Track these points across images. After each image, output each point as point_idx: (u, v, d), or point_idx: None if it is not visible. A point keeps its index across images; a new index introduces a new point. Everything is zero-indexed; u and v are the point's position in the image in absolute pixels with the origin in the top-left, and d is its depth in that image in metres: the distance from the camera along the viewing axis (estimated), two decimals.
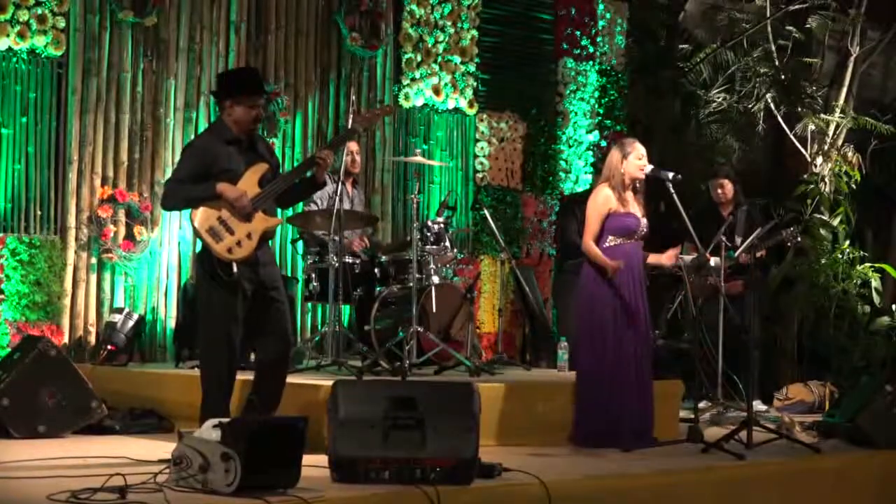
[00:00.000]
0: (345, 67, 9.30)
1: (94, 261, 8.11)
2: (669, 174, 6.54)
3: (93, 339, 8.03)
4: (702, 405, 7.41)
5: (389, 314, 7.41)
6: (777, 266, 10.57)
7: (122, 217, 8.18)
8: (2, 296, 7.74)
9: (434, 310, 7.37)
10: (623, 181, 6.53)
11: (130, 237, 8.19)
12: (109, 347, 7.76)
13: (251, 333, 5.81)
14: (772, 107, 10.96)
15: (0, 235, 7.76)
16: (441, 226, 7.54)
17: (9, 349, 7.33)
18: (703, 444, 6.26)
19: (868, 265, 10.46)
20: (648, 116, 11.14)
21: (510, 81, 10.24)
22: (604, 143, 10.36)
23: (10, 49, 7.79)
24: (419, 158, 7.70)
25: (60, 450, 5.65)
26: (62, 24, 7.95)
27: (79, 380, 6.49)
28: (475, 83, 9.92)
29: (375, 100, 9.40)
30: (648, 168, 6.55)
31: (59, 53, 7.97)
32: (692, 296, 7.11)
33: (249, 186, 5.74)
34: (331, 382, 5.11)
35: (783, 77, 10.98)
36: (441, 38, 9.71)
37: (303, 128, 9.04)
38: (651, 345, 6.77)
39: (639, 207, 6.61)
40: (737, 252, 8.05)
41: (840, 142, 10.86)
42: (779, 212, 10.30)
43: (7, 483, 4.66)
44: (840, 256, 10.41)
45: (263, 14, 8.91)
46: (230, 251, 5.65)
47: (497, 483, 4.99)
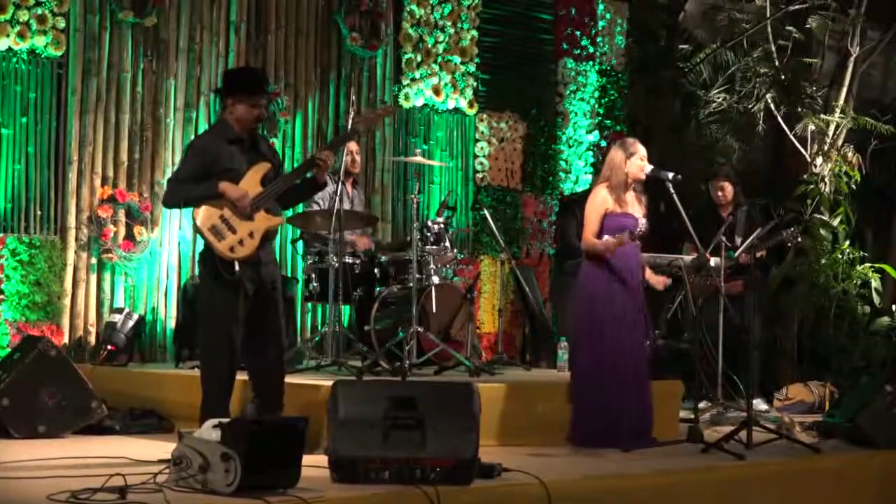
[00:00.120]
0: (345, 67, 9.30)
1: (94, 261, 8.11)
2: (669, 174, 6.54)
3: (93, 340, 8.03)
4: (702, 405, 7.40)
5: (389, 314, 7.41)
6: (777, 266, 10.57)
7: (122, 217, 8.18)
8: (2, 296, 7.74)
9: (434, 310, 7.36)
10: (625, 181, 6.52)
11: (130, 237, 8.19)
12: (109, 347, 7.76)
13: (249, 333, 5.80)
14: (772, 107, 10.95)
15: (0, 235, 7.76)
16: (441, 226, 7.54)
17: (9, 349, 7.32)
18: (703, 444, 6.26)
19: (868, 265, 10.46)
20: (648, 116, 11.13)
21: (510, 81, 10.23)
22: (604, 144, 10.35)
23: (10, 49, 7.79)
24: (419, 158, 7.70)
25: (60, 450, 5.65)
26: (62, 25, 7.95)
27: (79, 380, 6.49)
28: (475, 83, 9.91)
29: (375, 100, 9.40)
30: (648, 168, 6.55)
31: (59, 53, 7.97)
32: (692, 296, 7.11)
33: (251, 186, 5.74)
34: (331, 382, 5.11)
35: (783, 77, 10.98)
36: (441, 39, 9.70)
37: (303, 128, 9.03)
38: (650, 345, 6.77)
39: (640, 207, 6.60)
40: (737, 252, 8.05)
41: (840, 142, 10.85)
42: (779, 212, 10.29)
43: (7, 483, 4.66)
44: (840, 256, 10.41)
45: (263, 14, 8.91)
46: (232, 250, 5.65)
47: (497, 483, 4.99)
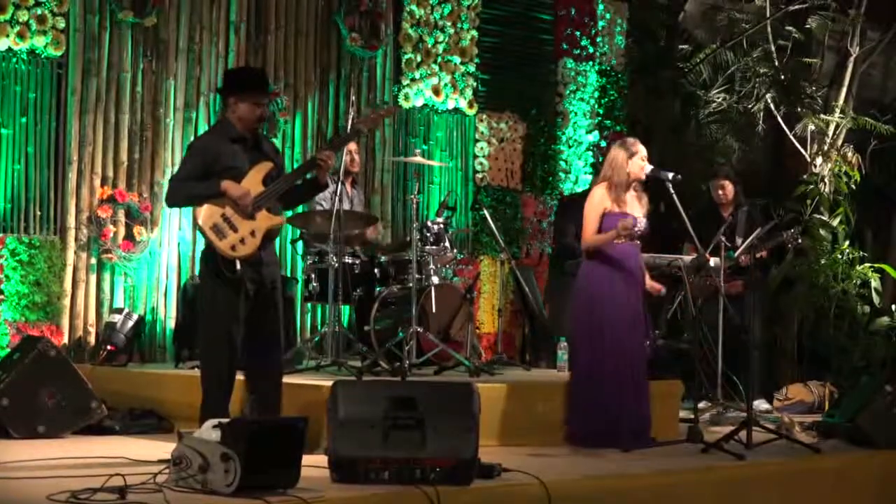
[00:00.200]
0: (345, 68, 9.29)
1: (94, 261, 8.10)
2: (669, 174, 6.54)
3: (92, 340, 8.03)
4: (702, 405, 7.41)
5: (389, 314, 7.41)
6: (777, 266, 10.56)
7: (122, 217, 8.18)
8: (1, 296, 7.73)
9: (434, 310, 7.36)
10: (626, 181, 6.53)
11: (130, 237, 8.19)
12: (109, 348, 7.76)
13: (249, 333, 5.79)
14: (772, 107, 10.95)
15: (0, 235, 7.76)
16: (441, 226, 7.54)
17: (8, 349, 7.32)
18: (703, 444, 6.26)
19: (868, 265, 10.45)
20: (648, 116, 11.13)
21: (510, 82, 10.23)
22: (604, 144, 10.35)
23: (10, 49, 7.78)
24: (419, 159, 7.70)
25: (60, 450, 5.65)
26: (62, 25, 7.95)
27: (79, 380, 6.49)
28: (475, 83, 9.91)
29: (375, 100, 9.40)
30: (648, 168, 6.56)
31: (59, 54, 7.97)
32: (692, 296, 7.10)
33: (253, 185, 5.73)
34: (331, 382, 5.11)
35: (783, 77, 10.97)
36: (441, 39, 9.70)
37: (302, 128, 9.03)
38: (650, 345, 6.77)
39: (640, 207, 6.60)
40: (737, 252, 8.05)
41: (840, 142, 10.84)
42: (779, 212, 10.29)
43: (7, 483, 4.66)
44: (840, 257, 10.40)
45: (263, 14, 8.91)
46: (234, 248, 5.65)
47: (497, 483, 4.99)
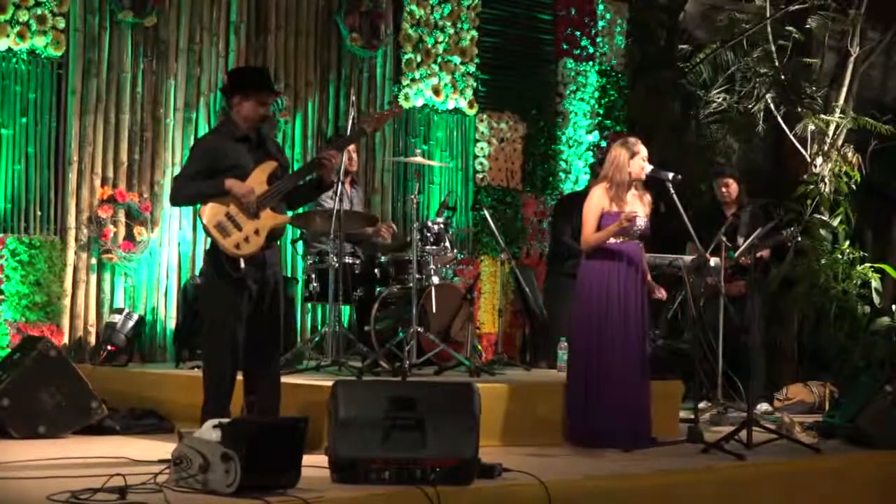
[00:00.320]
0: (345, 68, 9.29)
1: (94, 261, 8.10)
2: (669, 174, 6.55)
3: (93, 340, 8.03)
4: (702, 405, 7.41)
5: (389, 314, 7.41)
6: (777, 266, 10.56)
7: (122, 217, 8.18)
8: (2, 296, 7.73)
9: (434, 310, 7.37)
10: (627, 181, 6.53)
11: (130, 237, 8.19)
12: (109, 348, 7.76)
13: (249, 334, 5.79)
14: (772, 107, 10.94)
15: (0, 236, 7.76)
16: (441, 226, 7.54)
17: (9, 349, 7.32)
18: (704, 445, 6.26)
19: (868, 265, 10.45)
20: (648, 117, 11.13)
21: (510, 82, 10.23)
22: (604, 144, 10.35)
23: (10, 49, 7.79)
24: (419, 159, 7.70)
25: (60, 450, 5.65)
26: (62, 25, 7.95)
27: (79, 380, 6.49)
28: (475, 83, 9.91)
29: (375, 100, 9.40)
30: (649, 168, 6.56)
31: (59, 54, 7.97)
32: (692, 296, 7.11)
33: (257, 184, 5.73)
34: (331, 382, 5.11)
35: (783, 77, 10.97)
36: (441, 39, 9.70)
37: (303, 128, 9.03)
38: (650, 345, 6.76)
39: (642, 206, 6.60)
40: (737, 253, 8.04)
41: (840, 142, 10.84)
42: (779, 212, 10.29)
43: (7, 483, 4.67)
44: (840, 257, 10.40)
45: (263, 14, 8.90)
46: (238, 247, 5.65)
47: (497, 483, 4.99)
